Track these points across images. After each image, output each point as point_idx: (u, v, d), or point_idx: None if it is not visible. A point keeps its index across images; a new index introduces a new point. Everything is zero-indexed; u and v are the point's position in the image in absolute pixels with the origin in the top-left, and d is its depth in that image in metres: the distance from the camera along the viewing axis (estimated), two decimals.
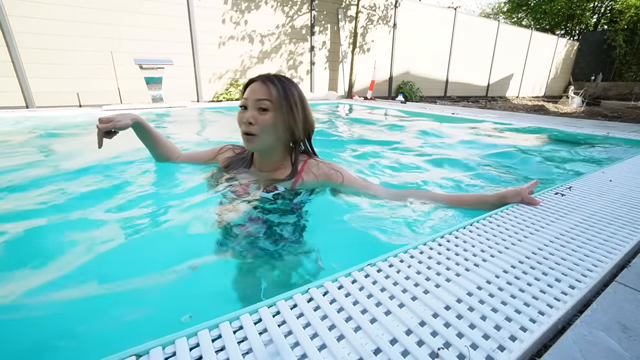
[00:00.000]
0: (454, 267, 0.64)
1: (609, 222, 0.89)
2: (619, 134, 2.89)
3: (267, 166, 1.09)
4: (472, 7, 33.72)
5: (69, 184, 1.67)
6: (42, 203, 1.42)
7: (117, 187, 1.57)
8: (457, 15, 10.00)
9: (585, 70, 15.52)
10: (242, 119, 0.96)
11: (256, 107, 0.94)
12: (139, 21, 5.15)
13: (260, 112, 0.94)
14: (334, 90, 7.94)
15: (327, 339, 0.45)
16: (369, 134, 3.51)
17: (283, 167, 1.08)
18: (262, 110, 0.94)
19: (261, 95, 0.93)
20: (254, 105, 0.94)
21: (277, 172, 1.07)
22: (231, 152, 1.19)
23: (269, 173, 1.09)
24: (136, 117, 1.17)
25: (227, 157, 1.18)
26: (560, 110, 7.75)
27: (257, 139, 0.96)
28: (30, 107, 4.56)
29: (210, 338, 0.45)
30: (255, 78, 0.97)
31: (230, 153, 1.19)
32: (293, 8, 6.83)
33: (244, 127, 0.96)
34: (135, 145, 1.46)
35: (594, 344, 0.48)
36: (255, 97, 0.93)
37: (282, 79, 0.98)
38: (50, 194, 1.56)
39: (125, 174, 1.76)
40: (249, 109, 0.94)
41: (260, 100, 0.93)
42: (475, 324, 0.49)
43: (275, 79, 0.96)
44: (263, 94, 0.93)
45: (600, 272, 0.64)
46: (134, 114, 1.16)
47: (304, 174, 1.07)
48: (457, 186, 1.78)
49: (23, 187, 1.65)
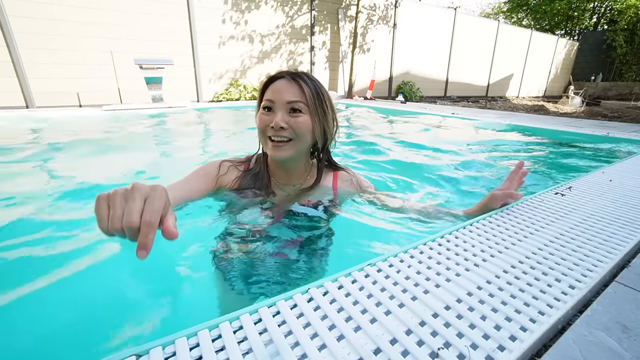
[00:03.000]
0: (454, 267, 0.64)
1: (609, 222, 0.89)
2: (619, 134, 2.89)
3: (293, 178, 0.95)
4: (472, 7, 33.72)
5: (66, 193, 1.67)
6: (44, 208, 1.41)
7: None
8: (457, 15, 9.99)
9: (585, 70, 15.52)
10: (267, 123, 0.80)
11: (287, 109, 0.80)
12: (139, 21, 5.15)
13: (293, 115, 0.80)
14: (334, 90, 7.94)
15: (327, 339, 0.45)
16: (369, 134, 3.50)
17: (310, 177, 0.96)
18: (295, 112, 0.80)
19: (293, 96, 0.80)
20: (284, 107, 0.80)
21: (305, 183, 0.95)
22: (235, 170, 0.96)
23: (296, 185, 0.95)
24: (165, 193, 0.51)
25: (234, 178, 0.94)
26: (560, 110, 7.75)
27: (291, 146, 0.82)
28: (30, 107, 4.56)
29: (210, 338, 0.45)
30: (278, 75, 0.84)
31: (235, 171, 0.96)
32: (293, 8, 6.83)
33: (271, 132, 0.80)
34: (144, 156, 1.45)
35: (594, 344, 0.48)
36: (286, 98, 0.80)
37: (311, 76, 0.86)
38: (51, 201, 1.55)
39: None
40: (277, 111, 0.80)
41: (293, 102, 0.80)
42: (475, 324, 0.49)
43: (305, 77, 0.84)
44: (295, 94, 0.80)
45: (600, 272, 0.64)
46: (159, 189, 0.46)
47: (340, 184, 0.99)
48: (457, 186, 1.78)
49: (24, 186, 1.65)
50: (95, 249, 1.05)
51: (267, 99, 0.82)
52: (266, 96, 0.82)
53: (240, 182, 0.94)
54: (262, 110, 0.83)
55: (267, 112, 0.82)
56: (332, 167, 1.01)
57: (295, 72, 0.84)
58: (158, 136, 3.35)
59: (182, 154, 2.58)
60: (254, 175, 0.94)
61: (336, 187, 0.97)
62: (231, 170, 0.95)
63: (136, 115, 4.15)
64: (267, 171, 0.95)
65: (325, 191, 0.95)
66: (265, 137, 0.82)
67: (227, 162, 0.96)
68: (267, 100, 0.82)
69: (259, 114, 0.84)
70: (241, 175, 0.95)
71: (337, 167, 1.01)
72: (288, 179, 0.95)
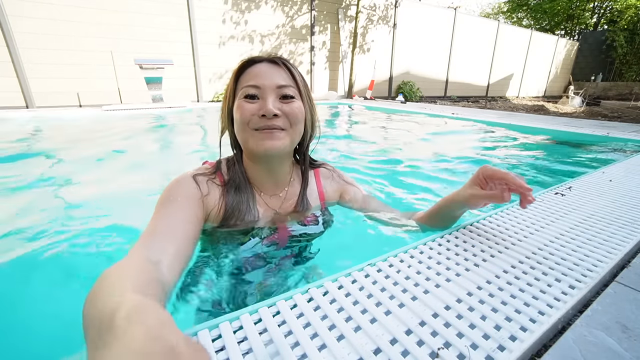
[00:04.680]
0: (454, 267, 0.64)
1: (609, 222, 0.89)
2: (619, 134, 2.89)
3: (279, 184, 0.80)
4: (472, 7, 33.72)
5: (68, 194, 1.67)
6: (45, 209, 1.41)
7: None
8: (457, 15, 10.00)
9: (585, 70, 15.53)
10: (253, 112, 0.66)
11: (277, 95, 0.68)
12: (139, 21, 5.15)
13: (284, 101, 0.68)
14: (334, 90, 7.94)
15: (327, 339, 0.45)
16: (369, 134, 3.50)
17: (294, 180, 0.83)
18: (286, 98, 0.69)
19: (284, 80, 0.69)
20: (274, 92, 0.67)
21: (291, 188, 0.82)
22: (214, 186, 0.73)
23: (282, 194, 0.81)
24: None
25: (218, 197, 0.73)
26: (560, 110, 7.75)
27: (285, 137, 0.69)
28: (30, 107, 4.56)
29: (210, 338, 0.45)
30: (257, 58, 0.71)
31: (214, 188, 0.73)
32: (293, 8, 6.83)
33: (260, 122, 0.66)
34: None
35: (594, 344, 0.48)
36: (276, 82, 0.67)
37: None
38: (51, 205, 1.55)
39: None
40: (267, 97, 0.66)
41: (284, 86, 0.68)
42: (475, 324, 0.49)
43: (287, 61, 0.73)
44: (285, 78, 0.69)
45: (600, 272, 0.64)
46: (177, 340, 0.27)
47: (324, 183, 0.88)
48: (456, 187, 1.78)
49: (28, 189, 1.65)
50: (95, 249, 1.05)
51: (250, 84, 0.67)
52: (247, 82, 0.68)
53: (226, 203, 0.73)
54: (243, 99, 0.67)
55: (252, 100, 0.67)
56: (312, 165, 0.89)
57: (278, 57, 0.72)
58: (158, 136, 3.35)
59: (182, 153, 2.59)
60: (234, 187, 0.74)
61: (320, 186, 0.88)
62: (211, 187, 0.72)
63: (136, 115, 4.15)
64: (249, 185, 0.76)
65: (312, 193, 0.85)
66: (249, 130, 0.67)
67: (201, 176, 0.72)
68: (250, 87, 0.67)
69: (240, 103, 0.67)
70: (222, 192, 0.73)
71: (316, 165, 0.90)
72: (274, 187, 0.80)
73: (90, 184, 1.70)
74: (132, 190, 1.62)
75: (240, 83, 0.69)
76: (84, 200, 1.46)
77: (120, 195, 1.55)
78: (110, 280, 0.37)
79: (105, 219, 1.24)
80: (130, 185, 1.72)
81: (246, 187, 0.75)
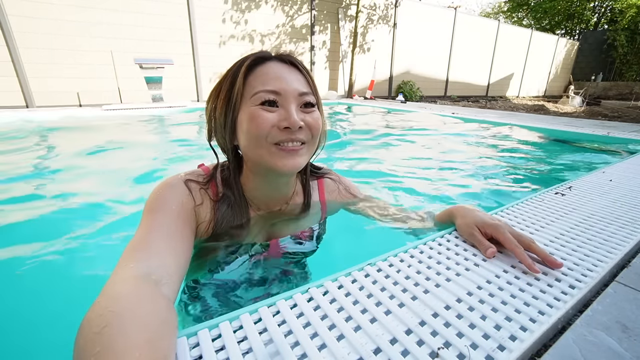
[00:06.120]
0: (454, 267, 0.64)
1: (609, 222, 0.89)
2: (619, 133, 2.89)
3: (280, 199, 0.72)
4: (472, 6, 33.70)
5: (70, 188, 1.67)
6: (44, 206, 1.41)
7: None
8: (457, 15, 9.99)
9: (585, 70, 15.51)
10: (276, 122, 0.57)
11: (299, 103, 0.59)
12: (139, 21, 5.15)
13: (305, 110, 0.60)
14: (334, 90, 7.94)
15: (327, 339, 0.45)
16: (369, 134, 3.50)
17: (296, 193, 0.75)
18: (307, 106, 0.60)
19: (304, 86, 0.60)
20: (295, 100, 0.58)
21: (292, 203, 0.74)
22: (206, 196, 0.65)
23: (282, 208, 0.73)
24: None
25: (209, 210, 0.64)
26: (560, 110, 7.74)
27: (306, 152, 0.62)
28: (30, 107, 4.56)
29: (210, 337, 0.45)
30: (266, 55, 0.61)
31: (207, 199, 0.64)
32: (293, 7, 6.83)
33: (282, 135, 0.57)
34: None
35: (594, 344, 0.48)
36: (297, 89, 0.58)
37: None
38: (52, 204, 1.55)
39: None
40: (288, 106, 0.57)
41: (305, 94, 0.60)
42: (475, 324, 0.49)
43: (301, 63, 0.63)
44: (304, 84, 0.60)
45: (600, 271, 0.64)
46: None
47: (327, 197, 0.81)
48: (456, 187, 1.78)
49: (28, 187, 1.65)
50: (94, 249, 1.05)
51: (268, 89, 0.56)
52: (263, 85, 0.57)
53: (216, 220, 0.64)
54: (259, 106, 0.56)
55: (271, 108, 0.57)
56: (314, 174, 0.80)
57: (291, 55, 0.63)
58: (158, 136, 3.35)
59: (182, 153, 2.58)
60: (230, 206, 0.65)
61: (324, 201, 0.79)
62: (204, 197, 0.64)
63: (136, 114, 4.15)
64: (245, 199, 0.67)
65: (314, 206, 0.77)
66: (267, 145, 0.57)
67: (194, 183, 0.63)
68: (268, 92, 0.56)
69: (255, 111, 0.56)
70: (214, 207, 0.65)
71: (320, 174, 0.81)
72: (274, 202, 0.71)
73: (90, 184, 1.70)
74: (132, 191, 1.62)
75: (250, 85, 0.58)
76: (83, 200, 1.46)
77: (120, 195, 1.55)
78: (115, 329, 0.31)
79: (104, 219, 1.24)
80: (130, 185, 1.72)
81: (241, 205, 0.66)
